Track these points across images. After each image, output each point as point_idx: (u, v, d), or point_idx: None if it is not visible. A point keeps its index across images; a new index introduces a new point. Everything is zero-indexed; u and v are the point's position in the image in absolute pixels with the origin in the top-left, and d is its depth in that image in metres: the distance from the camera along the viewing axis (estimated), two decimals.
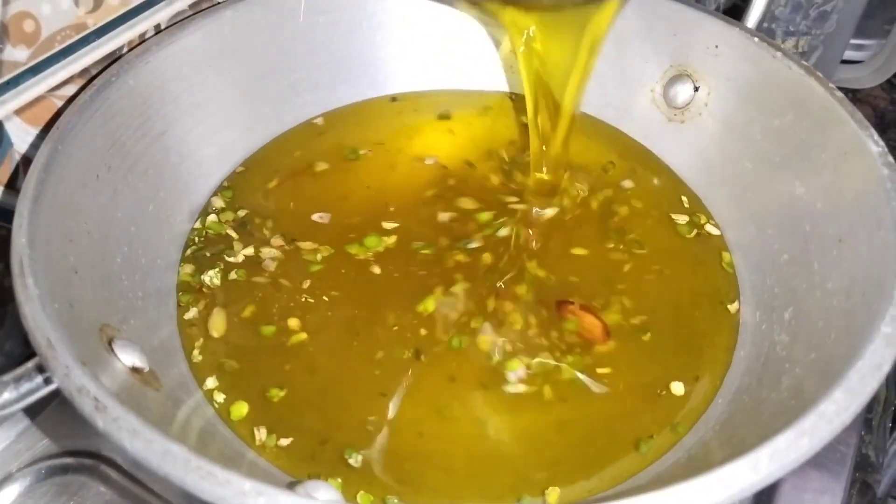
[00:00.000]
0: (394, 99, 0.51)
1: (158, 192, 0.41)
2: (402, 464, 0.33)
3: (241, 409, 0.35)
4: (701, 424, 0.34)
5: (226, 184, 0.45)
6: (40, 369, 0.27)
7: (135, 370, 0.31)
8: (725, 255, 0.42)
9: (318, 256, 0.41)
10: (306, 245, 0.42)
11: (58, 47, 0.39)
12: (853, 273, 0.33)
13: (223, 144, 0.45)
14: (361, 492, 0.32)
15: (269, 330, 0.38)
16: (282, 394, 0.36)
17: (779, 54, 0.41)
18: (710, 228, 0.44)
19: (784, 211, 0.40)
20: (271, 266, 0.41)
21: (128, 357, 0.31)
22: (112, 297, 0.34)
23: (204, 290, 0.39)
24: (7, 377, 0.27)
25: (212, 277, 0.40)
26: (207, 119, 0.44)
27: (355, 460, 0.33)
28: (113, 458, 0.37)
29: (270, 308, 0.39)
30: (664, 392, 0.35)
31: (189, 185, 0.43)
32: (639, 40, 0.47)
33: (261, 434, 0.34)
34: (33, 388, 0.27)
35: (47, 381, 0.27)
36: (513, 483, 0.32)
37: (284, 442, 0.34)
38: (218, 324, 0.38)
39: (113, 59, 0.41)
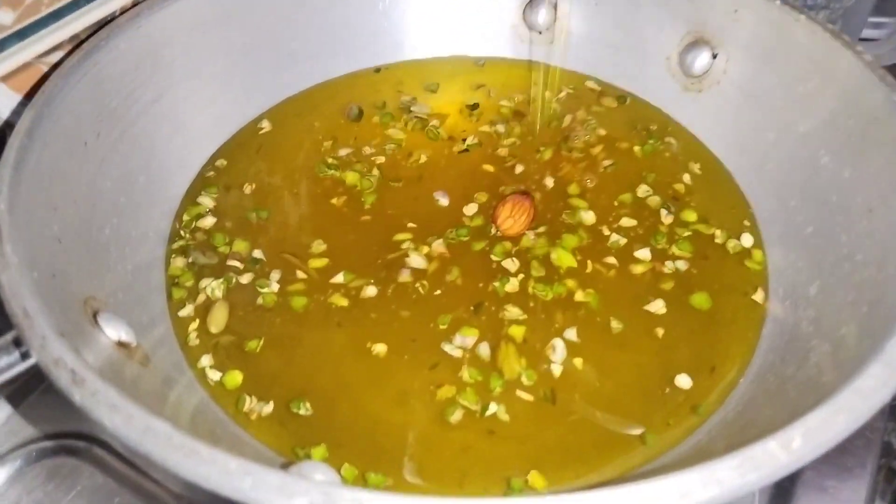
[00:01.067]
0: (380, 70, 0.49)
1: (150, 162, 0.39)
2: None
3: (235, 378, 0.33)
4: (721, 407, 0.32)
5: (213, 175, 0.43)
6: (17, 343, 0.25)
7: (121, 344, 0.29)
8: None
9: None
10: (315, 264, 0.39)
11: (45, 11, 0.38)
12: (886, 243, 0.31)
13: (218, 115, 0.44)
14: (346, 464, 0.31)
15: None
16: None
17: (802, 17, 0.39)
18: None
19: (808, 181, 0.38)
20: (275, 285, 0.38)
21: (113, 330, 0.29)
22: (98, 269, 0.32)
23: (201, 295, 0.37)
24: None
25: (213, 289, 0.37)
26: (202, 88, 0.42)
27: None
28: (107, 441, 0.36)
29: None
30: (668, 389, 0.33)
31: (182, 156, 0.42)
32: (653, 5, 0.45)
33: (252, 403, 0.33)
34: (11, 363, 0.26)
35: (24, 356, 0.25)
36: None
37: (270, 409, 0.32)
38: (218, 320, 0.36)
39: (104, 24, 0.39)
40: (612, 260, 0.38)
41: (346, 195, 0.42)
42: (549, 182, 0.43)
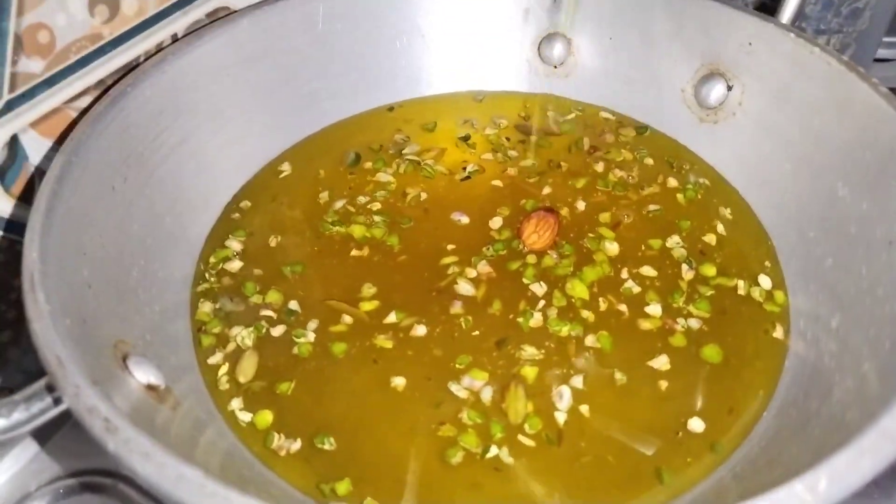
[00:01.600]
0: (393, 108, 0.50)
1: (176, 203, 0.40)
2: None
3: (265, 418, 0.34)
4: (745, 442, 0.32)
5: (238, 217, 0.43)
6: (50, 388, 0.26)
7: (150, 387, 0.30)
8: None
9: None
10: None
11: (73, 58, 0.39)
12: None
13: (242, 154, 0.44)
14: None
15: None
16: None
17: (816, 50, 0.39)
18: None
19: (827, 213, 0.38)
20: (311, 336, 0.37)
21: (143, 374, 0.30)
22: (127, 312, 0.33)
23: (231, 343, 0.37)
24: (17, 396, 0.26)
25: (244, 338, 0.37)
26: (225, 129, 0.43)
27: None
28: (131, 477, 0.36)
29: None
30: (681, 433, 0.33)
31: (207, 196, 0.42)
32: (668, 40, 0.46)
33: (281, 440, 0.33)
34: (44, 409, 0.26)
35: (57, 402, 0.26)
36: None
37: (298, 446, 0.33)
38: (247, 370, 0.36)
39: (129, 69, 0.40)
40: (623, 307, 0.38)
41: (366, 245, 0.41)
42: (580, 205, 0.43)
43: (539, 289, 0.39)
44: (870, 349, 0.30)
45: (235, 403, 0.34)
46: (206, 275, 0.40)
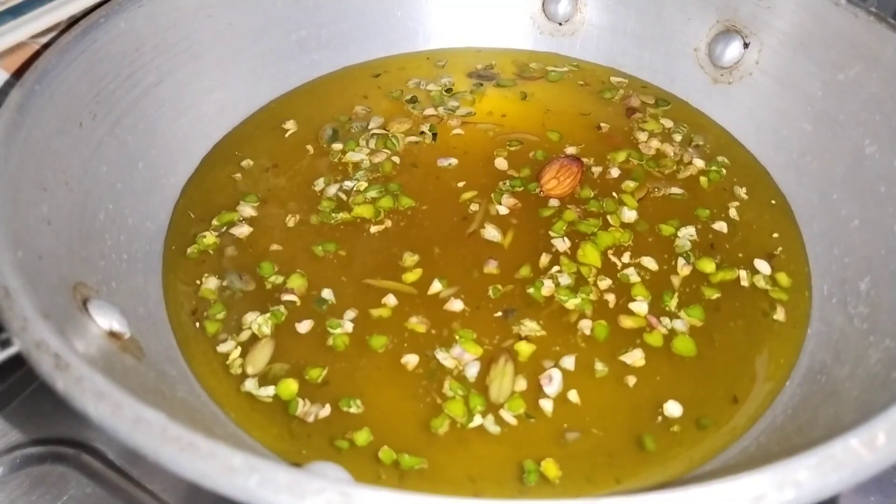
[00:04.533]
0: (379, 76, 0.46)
1: (150, 148, 0.37)
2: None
3: (289, 387, 0.30)
4: (769, 410, 0.29)
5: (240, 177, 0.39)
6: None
7: (113, 335, 0.27)
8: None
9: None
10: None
11: None
12: None
13: (224, 102, 0.41)
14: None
15: None
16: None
17: (842, 1, 0.37)
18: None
19: (852, 173, 0.35)
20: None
21: (104, 319, 0.27)
22: (91, 255, 0.30)
23: (245, 331, 0.33)
24: None
25: (260, 325, 0.33)
26: (206, 73, 0.40)
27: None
28: (98, 449, 0.33)
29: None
30: (660, 418, 0.30)
31: (185, 143, 0.39)
32: None
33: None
34: None
35: (4, 345, 0.23)
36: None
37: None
38: (258, 361, 0.32)
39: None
40: (611, 297, 0.34)
41: (380, 223, 0.38)
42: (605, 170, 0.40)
43: (562, 244, 0.36)
44: None
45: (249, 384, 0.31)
46: (201, 236, 0.36)
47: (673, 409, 0.30)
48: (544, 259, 0.35)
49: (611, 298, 0.34)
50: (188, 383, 0.29)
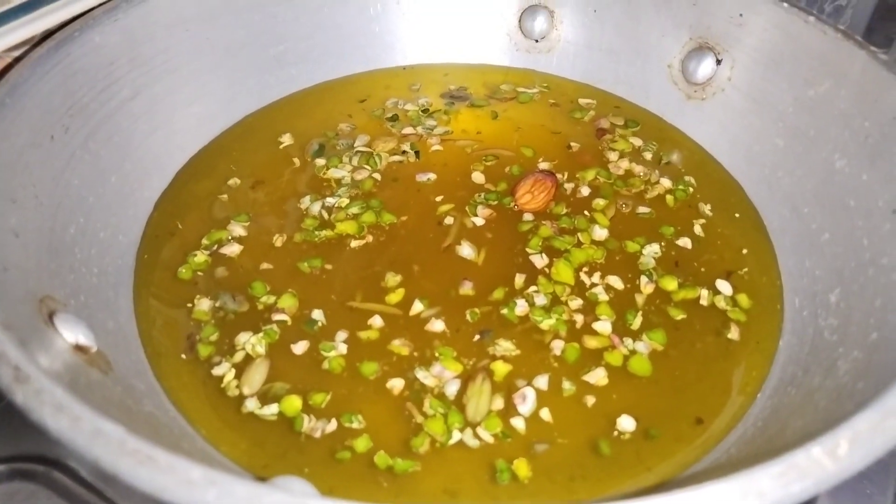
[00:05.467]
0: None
1: (123, 162, 0.36)
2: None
3: (293, 404, 0.30)
4: (738, 427, 0.29)
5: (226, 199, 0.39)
6: None
7: (79, 348, 0.27)
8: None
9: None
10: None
11: (17, 1, 0.36)
12: None
13: (200, 115, 0.41)
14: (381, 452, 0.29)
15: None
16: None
17: (811, 19, 0.37)
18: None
19: (822, 188, 0.35)
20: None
21: (70, 333, 0.26)
22: (59, 268, 0.30)
23: (239, 352, 0.32)
24: None
25: (254, 345, 0.32)
26: (183, 87, 0.40)
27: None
28: (71, 466, 0.32)
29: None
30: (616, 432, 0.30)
31: (160, 157, 0.39)
32: (654, 12, 0.44)
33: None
34: None
35: None
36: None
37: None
38: (254, 381, 0.31)
39: None
40: (579, 318, 0.34)
41: (361, 238, 0.37)
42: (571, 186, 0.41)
43: (540, 261, 0.36)
44: (878, 318, 0.28)
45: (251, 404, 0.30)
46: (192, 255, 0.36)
47: (626, 423, 0.30)
48: (519, 279, 0.35)
49: (579, 319, 0.34)
50: (156, 397, 0.29)
